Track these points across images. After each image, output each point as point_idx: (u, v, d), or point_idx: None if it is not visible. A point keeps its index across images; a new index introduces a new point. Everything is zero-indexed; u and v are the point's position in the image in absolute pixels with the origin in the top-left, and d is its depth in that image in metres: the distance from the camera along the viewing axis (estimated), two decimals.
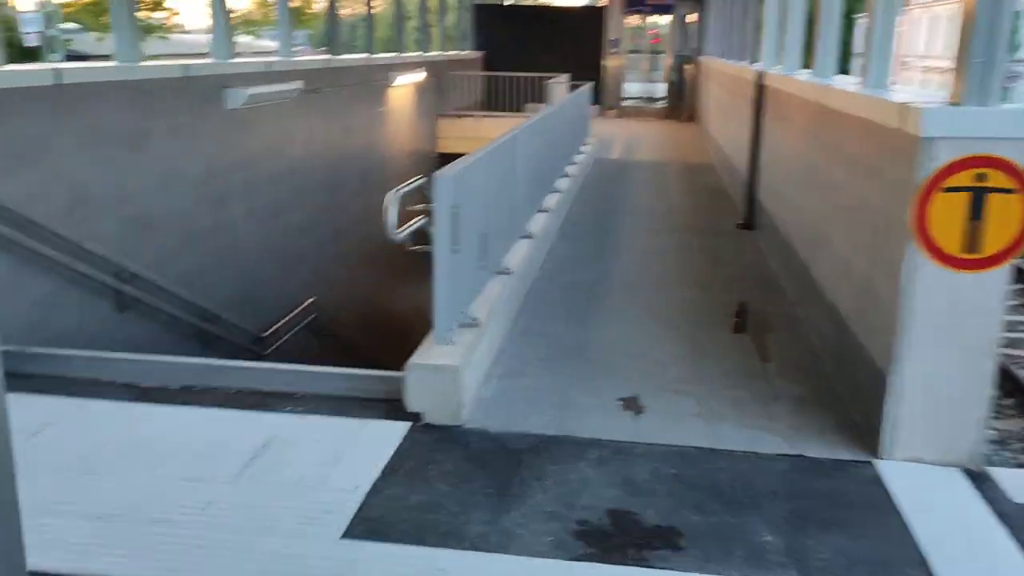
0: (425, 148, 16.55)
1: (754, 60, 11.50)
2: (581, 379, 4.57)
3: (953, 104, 3.36)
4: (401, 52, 15.11)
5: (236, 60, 8.88)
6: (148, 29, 36.78)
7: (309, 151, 10.96)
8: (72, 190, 6.34)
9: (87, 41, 22.92)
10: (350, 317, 12.13)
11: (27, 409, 4.08)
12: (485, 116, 17.13)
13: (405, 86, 14.66)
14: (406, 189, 4.29)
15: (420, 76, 14.92)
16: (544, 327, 5.39)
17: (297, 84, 9.65)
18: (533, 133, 6.99)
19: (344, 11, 17.16)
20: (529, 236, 6.56)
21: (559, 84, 14.19)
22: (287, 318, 10.13)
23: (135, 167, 7.10)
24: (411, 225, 4.41)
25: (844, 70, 6.67)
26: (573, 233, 8.12)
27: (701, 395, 4.40)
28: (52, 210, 6.10)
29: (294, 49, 11.71)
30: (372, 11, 14.38)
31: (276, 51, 10.29)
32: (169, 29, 36.49)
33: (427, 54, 16.81)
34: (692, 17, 21.70)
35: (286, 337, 10.04)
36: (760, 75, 8.32)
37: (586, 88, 13.22)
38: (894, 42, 4.71)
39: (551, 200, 8.02)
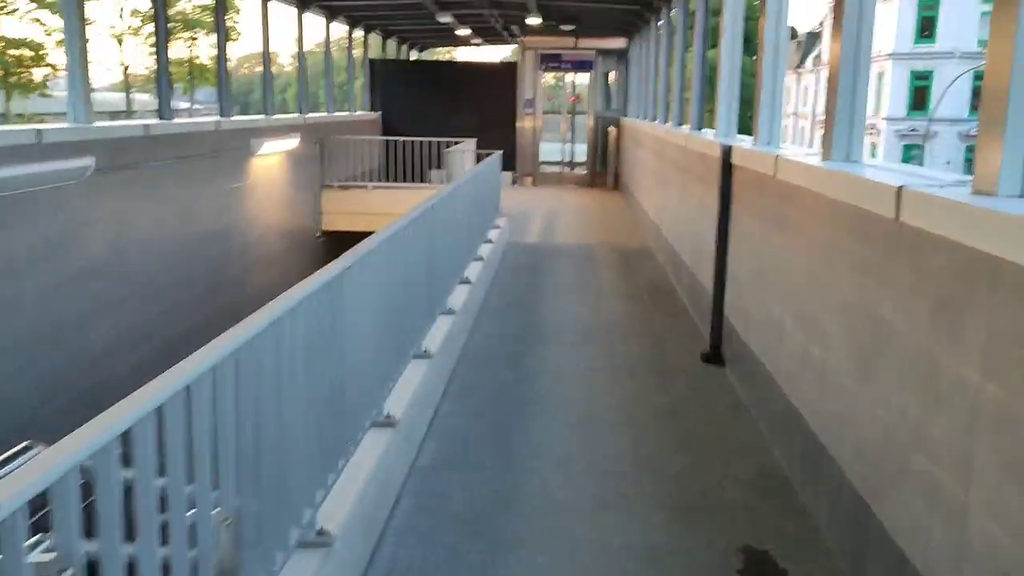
0: (305, 225, 13.85)
1: (699, 126, 9.31)
2: None
3: None
4: (269, 114, 12.45)
5: None
6: (23, 87, 33.41)
7: (123, 246, 8.15)
8: None
9: None
10: None
11: None
12: (377, 188, 14.54)
13: (275, 154, 11.99)
14: None
15: (293, 142, 12.27)
16: None
17: (84, 161, 6.88)
18: (399, 246, 4.42)
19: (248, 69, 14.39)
20: (386, 421, 3.93)
21: (461, 152, 11.75)
22: None
23: None
24: None
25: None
26: (469, 388, 5.51)
27: None
28: None
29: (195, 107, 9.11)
30: (228, 63, 11.76)
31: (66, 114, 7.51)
32: (40, 87, 33.16)
33: (307, 116, 14.20)
34: (615, 75, 19.77)
35: None
36: (727, 151, 5.97)
37: (494, 158, 10.81)
38: None
39: (435, 336, 5.41)
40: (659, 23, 13.27)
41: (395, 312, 4.39)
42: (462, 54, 42.98)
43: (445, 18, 16.76)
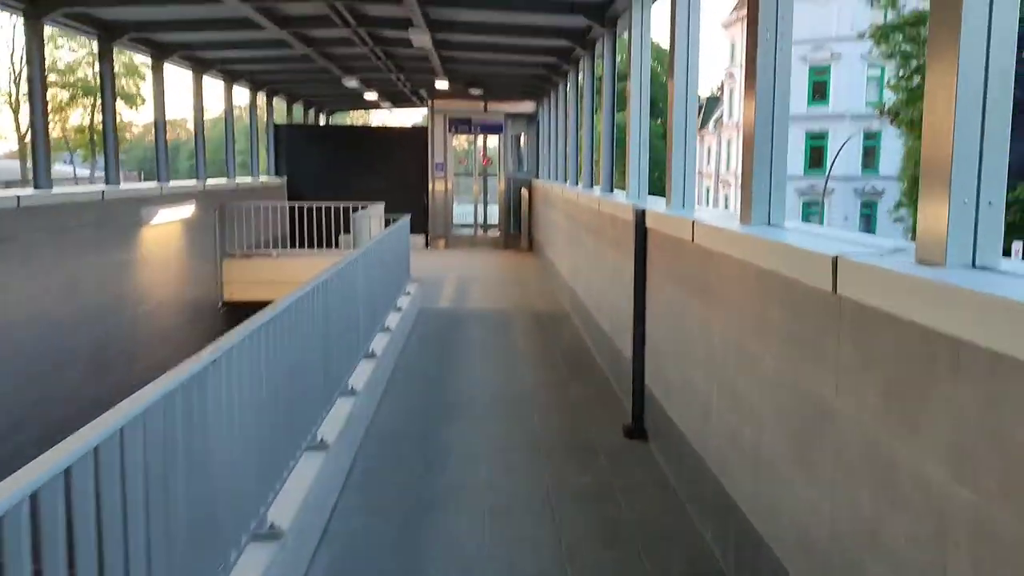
0: (206, 296, 13.09)
1: (610, 187, 9.18)
2: None
3: None
4: (163, 181, 11.80)
5: None
6: None
7: None
8: None
9: None
10: None
11: None
12: (283, 255, 13.94)
13: (171, 223, 11.32)
14: None
15: (188, 210, 11.63)
16: None
17: None
18: (287, 325, 3.95)
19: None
20: (269, 533, 3.40)
21: (368, 217, 11.33)
22: None
23: None
24: None
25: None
26: (370, 479, 4.99)
27: None
28: None
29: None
30: (135, 129, 11.12)
31: None
32: None
33: (206, 182, 13.58)
34: (525, 138, 19.79)
35: None
36: (640, 215, 5.74)
37: (403, 222, 10.41)
38: None
39: (334, 422, 4.90)
40: (567, 87, 13.28)
41: (282, 402, 3.90)
42: (377, 118, 42.89)
43: (351, 83, 16.47)
